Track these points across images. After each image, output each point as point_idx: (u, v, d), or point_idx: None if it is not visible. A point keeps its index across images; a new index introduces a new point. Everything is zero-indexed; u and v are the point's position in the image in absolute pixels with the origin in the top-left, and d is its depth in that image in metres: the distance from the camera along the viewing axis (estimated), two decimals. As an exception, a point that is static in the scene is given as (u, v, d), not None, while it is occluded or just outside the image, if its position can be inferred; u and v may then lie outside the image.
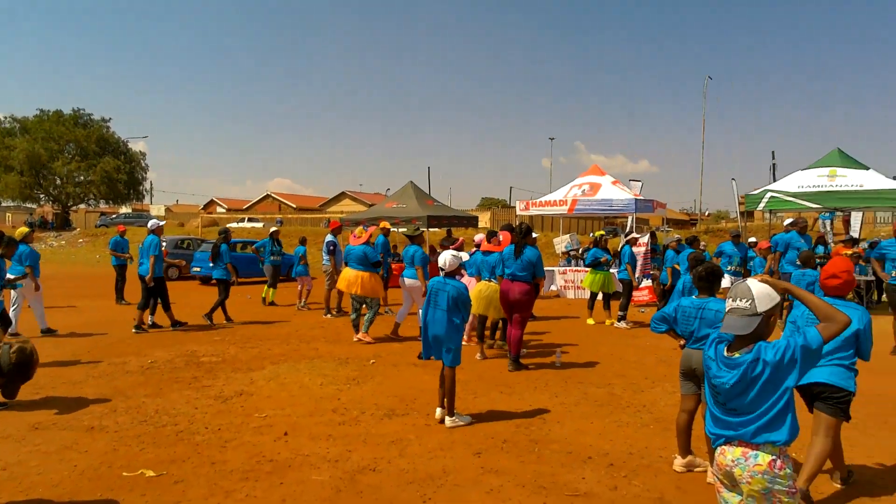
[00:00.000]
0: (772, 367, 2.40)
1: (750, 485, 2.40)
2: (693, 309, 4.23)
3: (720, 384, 2.52)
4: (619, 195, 15.82)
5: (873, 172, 12.17)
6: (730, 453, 2.47)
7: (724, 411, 2.52)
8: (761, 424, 2.41)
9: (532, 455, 4.55)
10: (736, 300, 2.52)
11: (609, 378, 7.02)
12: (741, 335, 2.50)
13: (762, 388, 2.42)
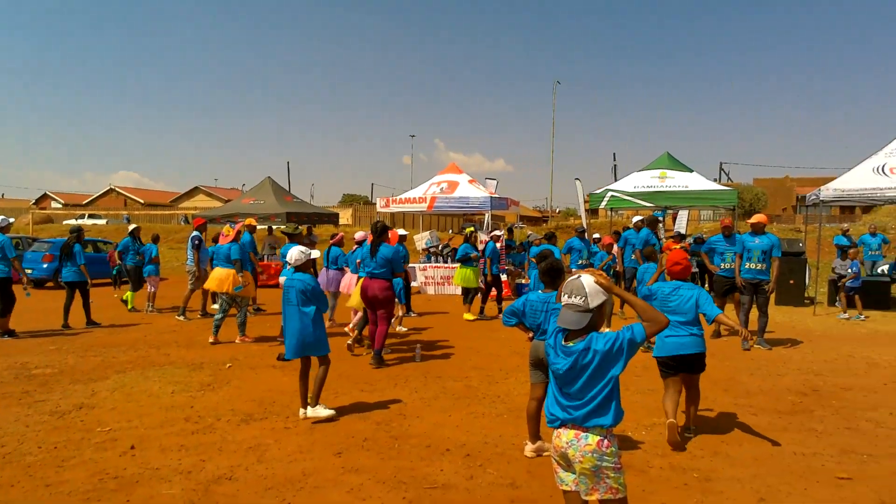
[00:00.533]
0: (601, 356, 2.62)
1: (581, 463, 2.61)
2: (540, 303, 4.51)
3: (556, 370, 2.73)
4: (476, 193, 16.38)
5: (697, 175, 13.59)
6: (564, 436, 2.68)
7: (561, 395, 2.73)
8: (591, 409, 2.63)
9: (392, 451, 4.65)
10: (571, 297, 2.68)
11: (466, 371, 7.29)
12: (572, 329, 2.68)
13: (591, 375, 2.63)
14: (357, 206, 45.80)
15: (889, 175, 11.89)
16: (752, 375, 7.10)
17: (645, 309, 2.76)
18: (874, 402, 5.96)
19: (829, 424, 5.30)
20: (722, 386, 6.63)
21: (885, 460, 4.47)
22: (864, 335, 9.70)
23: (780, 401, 6.06)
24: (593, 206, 14.68)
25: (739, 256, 8.70)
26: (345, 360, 7.72)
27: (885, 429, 5.18)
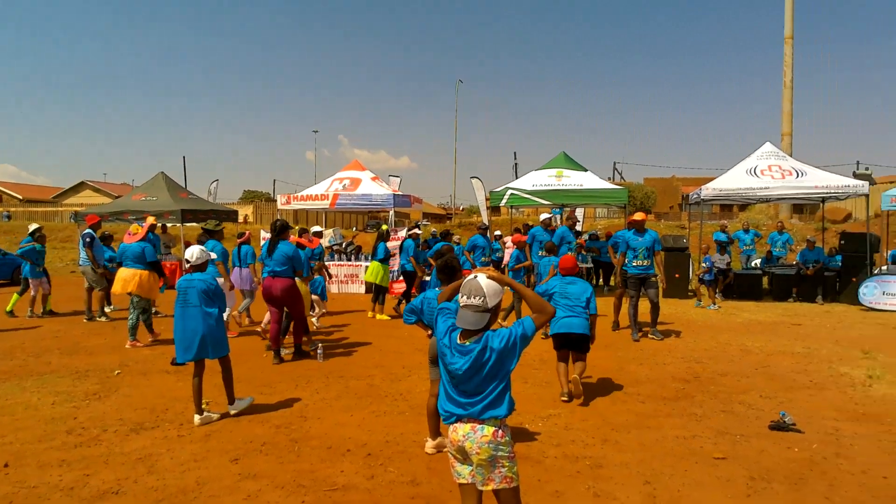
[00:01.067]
0: (498, 354, 2.70)
1: (479, 455, 2.69)
2: (436, 300, 4.59)
3: (454, 370, 2.76)
4: (379, 190, 16.32)
5: (591, 174, 14.21)
6: (461, 430, 2.74)
7: (457, 392, 2.78)
8: (487, 403, 2.72)
9: (292, 454, 4.57)
10: (470, 297, 2.73)
11: (369, 370, 7.27)
12: (473, 329, 2.73)
13: (490, 372, 2.71)
14: (258, 203, 44.45)
15: (760, 176, 12.93)
16: (641, 365, 7.52)
17: (535, 300, 2.86)
18: (746, 386, 6.46)
19: (707, 408, 5.71)
20: (613, 376, 6.98)
21: (755, 440, 4.86)
22: (740, 324, 10.49)
23: (665, 388, 6.45)
24: (494, 204, 15.00)
25: (623, 254, 9.21)
26: (242, 363, 7.50)
27: (755, 410, 5.64)
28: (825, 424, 5.22)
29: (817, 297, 13.07)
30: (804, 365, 7.42)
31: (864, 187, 12.37)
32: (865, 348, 8.25)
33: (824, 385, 6.50)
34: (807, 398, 6.04)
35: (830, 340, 8.95)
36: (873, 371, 6.93)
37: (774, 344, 8.70)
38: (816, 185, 12.48)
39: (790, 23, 30.77)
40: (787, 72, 30.91)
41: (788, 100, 30.76)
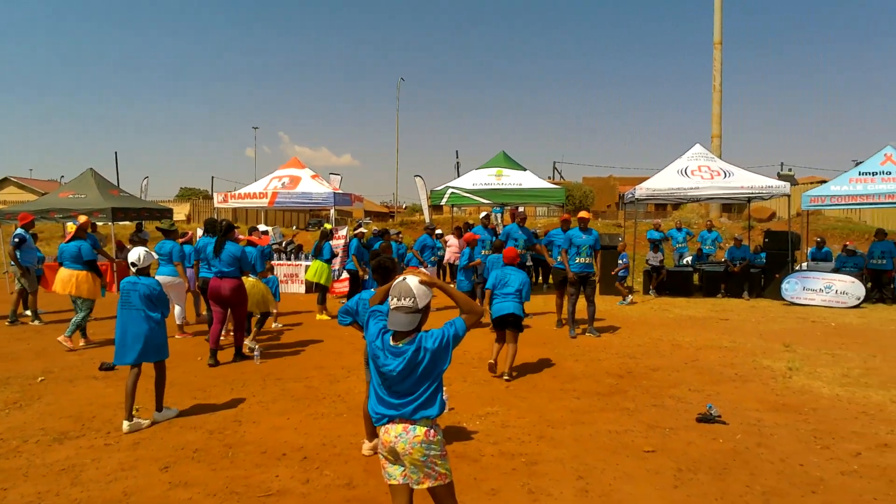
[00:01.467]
0: (431, 354, 2.74)
1: (411, 455, 2.72)
2: None
3: (388, 371, 2.77)
4: (319, 189, 16.11)
5: (530, 174, 14.43)
6: (393, 430, 2.76)
7: (389, 394, 2.80)
8: (420, 403, 2.75)
9: (225, 461, 4.47)
10: (401, 299, 2.75)
11: (308, 371, 7.18)
12: (405, 330, 2.76)
13: (423, 372, 2.75)
14: (195, 201, 43.09)
15: (690, 177, 13.40)
16: (577, 361, 7.68)
17: (463, 301, 2.92)
18: (676, 380, 6.70)
19: (639, 403, 5.89)
20: (550, 373, 7.11)
21: (683, 432, 5.05)
22: (672, 320, 10.85)
23: (600, 383, 6.62)
24: (435, 203, 15.05)
25: (566, 251, 9.34)
26: (176, 367, 7.28)
27: (684, 403, 5.85)
28: (748, 415, 5.46)
29: (744, 293, 13.65)
30: (730, 358, 7.74)
31: (785, 188, 12.99)
32: (786, 342, 8.67)
33: (748, 377, 6.80)
34: (732, 390, 6.31)
35: (755, 334, 9.36)
36: (793, 363, 7.30)
37: (703, 338, 9.04)
38: (742, 186, 13.03)
39: (719, 28, 31.95)
40: (716, 76, 32.08)
41: (718, 103, 31.94)
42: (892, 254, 12.68)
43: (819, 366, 7.25)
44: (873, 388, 6.29)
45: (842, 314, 11.33)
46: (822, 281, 12.43)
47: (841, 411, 5.55)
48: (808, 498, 3.82)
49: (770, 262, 14.00)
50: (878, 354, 7.84)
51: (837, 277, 12.39)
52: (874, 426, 5.11)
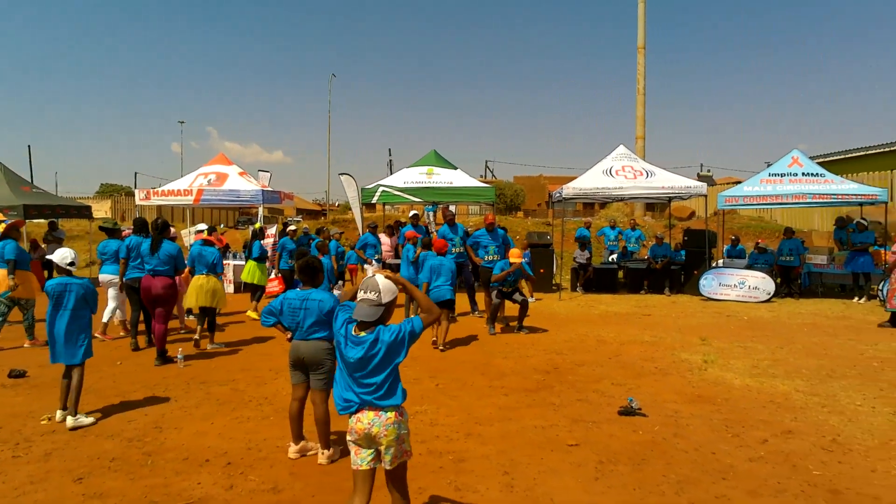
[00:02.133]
0: (387, 347, 2.97)
1: (387, 436, 2.96)
2: (298, 301, 4.48)
3: (349, 358, 3.00)
4: (247, 186, 15.76)
5: (461, 172, 14.56)
6: (365, 418, 2.98)
7: (355, 383, 3.01)
8: (383, 393, 2.99)
9: (144, 469, 4.32)
10: (367, 292, 3.01)
11: (234, 374, 7.02)
12: (368, 321, 3.01)
13: (379, 363, 2.97)
14: (117, 198, 41.14)
15: (614, 176, 13.84)
16: (506, 358, 7.81)
17: (424, 301, 3.21)
18: (600, 375, 6.92)
19: (564, 398, 6.05)
20: (480, 370, 7.20)
21: (605, 425, 5.22)
22: (598, 316, 11.19)
23: (528, 379, 6.76)
24: (366, 201, 14.96)
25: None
26: (93, 372, 6.97)
27: (607, 397, 6.05)
28: (667, 407, 5.70)
29: (665, 289, 14.22)
30: (651, 353, 8.05)
31: (702, 188, 13.60)
32: (703, 335, 9.09)
33: (667, 371, 7.10)
34: (652, 384, 6.57)
35: (674, 329, 9.77)
36: (708, 356, 7.66)
37: (627, 334, 9.37)
38: (663, 186, 13.56)
39: (642, 33, 33.07)
40: (639, 79, 33.20)
41: (641, 105, 33.07)
42: (798, 251, 13.48)
43: (732, 358, 7.64)
44: (780, 377, 6.68)
45: (754, 308, 11.97)
46: (736, 277, 13.09)
47: (751, 401, 5.87)
48: (719, 484, 4.03)
49: (689, 259, 14.63)
50: (784, 346, 8.32)
51: (750, 273, 13.08)
52: (780, 414, 5.44)
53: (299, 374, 4.60)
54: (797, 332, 9.40)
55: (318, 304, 4.42)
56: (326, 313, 4.40)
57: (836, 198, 12.63)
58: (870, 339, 8.86)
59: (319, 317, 4.41)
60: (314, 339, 4.44)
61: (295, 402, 4.60)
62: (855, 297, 12.81)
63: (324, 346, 4.45)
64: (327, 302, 4.45)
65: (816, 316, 11.04)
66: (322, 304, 4.43)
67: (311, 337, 4.45)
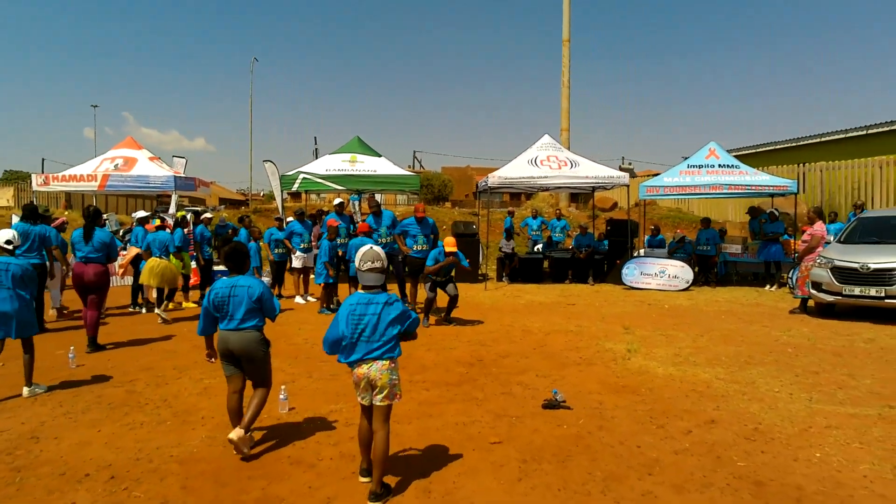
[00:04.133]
0: (395, 310, 3.71)
1: (381, 379, 3.67)
2: (226, 289, 4.24)
3: (367, 319, 3.66)
4: (158, 171, 14.79)
5: (385, 160, 14.14)
6: (366, 366, 3.67)
7: (363, 344, 3.66)
8: (387, 348, 3.70)
9: (11, 488, 3.76)
10: (373, 262, 3.73)
11: (133, 373, 6.42)
12: (376, 285, 3.75)
13: (390, 323, 3.69)
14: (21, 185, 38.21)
15: (539, 166, 13.79)
16: (429, 350, 7.53)
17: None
18: (525, 367, 6.73)
19: (488, 392, 5.81)
20: (401, 363, 6.86)
21: (529, 420, 5.01)
22: (523, 306, 11.08)
23: (450, 372, 6.49)
24: (286, 189, 14.31)
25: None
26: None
27: (531, 390, 5.85)
28: (591, 399, 5.56)
29: (588, 279, 14.32)
30: (576, 342, 7.96)
31: (625, 178, 13.74)
32: (626, 324, 9.10)
33: (592, 361, 6.99)
34: (577, 374, 6.43)
35: (598, 318, 9.76)
36: (631, 345, 7.62)
37: (551, 323, 9.27)
38: (587, 175, 13.61)
39: (567, 26, 33.42)
40: (564, 72, 33.55)
41: (566, 98, 33.43)
42: (715, 241, 13.85)
43: (655, 347, 7.63)
44: (701, 366, 6.69)
45: (674, 297, 12.18)
46: (657, 266, 13.30)
47: (674, 390, 5.81)
48: (645, 480, 3.86)
49: (612, 249, 14.80)
50: (704, 334, 8.41)
51: (670, 262, 13.32)
52: (702, 403, 5.38)
53: (232, 367, 4.34)
54: (715, 320, 9.56)
55: (248, 291, 4.24)
56: (256, 300, 4.26)
57: (749, 189, 13.01)
58: (783, 325, 9.10)
59: (250, 304, 4.24)
60: (245, 329, 4.25)
61: (233, 395, 4.35)
62: (767, 284, 13.26)
63: (255, 337, 4.29)
64: (256, 287, 4.29)
65: (732, 303, 11.32)
66: (251, 290, 4.25)
67: (243, 326, 4.24)
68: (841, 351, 7.38)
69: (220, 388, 5.80)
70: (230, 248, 4.36)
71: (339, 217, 11.93)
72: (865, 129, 21.03)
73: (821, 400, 5.43)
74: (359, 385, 3.71)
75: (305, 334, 8.57)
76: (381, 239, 10.42)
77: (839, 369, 6.51)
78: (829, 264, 9.68)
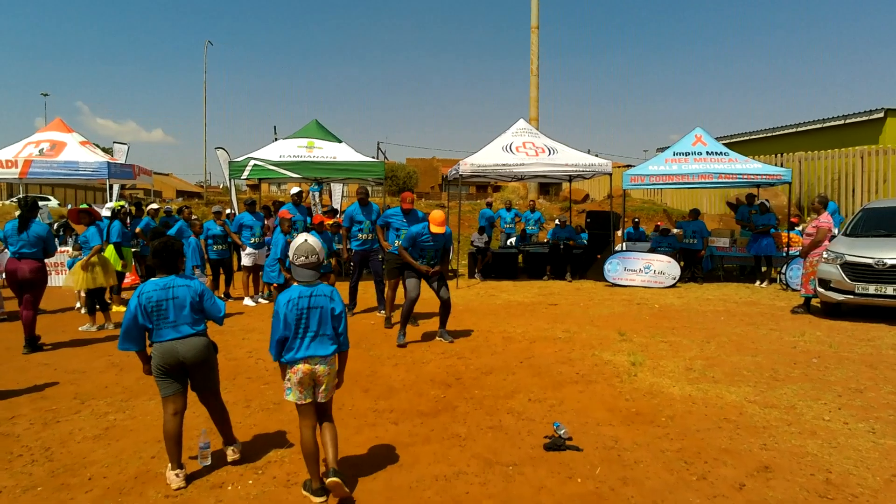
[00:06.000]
0: (332, 303, 3.50)
1: (328, 376, 3.48)
2: (160, 291, 3.61)
3: (310, 315, 3.40)
4: (89, 157, 13.21)
5: (346, 146, 12.78)
6: (311, 362, 3.41)
7: (309, 339, 3.41)
8: (335, 344, 3.50)
9: None
10: (307, 256, 3.42)
11: (19, 404, 5.06)
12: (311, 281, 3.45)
13: (335, 318, 3.50)
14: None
15: (515, 153, 12.63)
16: (398, 366, 6.32)
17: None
18: (513, 387, 5.57)
19: (472, 425, 4.62)
20: (362, 383, 5.65)
21: (530, 469, 3.83)
22: (500, 307, 9.93)
23: (424, 397, 5.29)
24: (234, 177, 12.79)
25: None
26: None
27: (525, 421, 4.69)
28: (601, 433, 4.42)
29: (566, 275, 13.25)
30: (567, 352, 6.83)
31: (607, 166, 12.68)
32: (620, 329, 8.01)
33: (591, 377, 5.86)
34: (576, 396, 5.29)
35: (587, 321, 8.66)
36: (634, 356, 6.52)
37: (535, 328, 8.14)
38: (567, 163, 12.50)
39: (536, 12, 32.38)
40: (533, 60, 32.51)
41: (535, 87, 32.41)
42: (702, 234, 12.90)
43: (660, 358, 6.54)
44: (722, 383, 5.61)
45: (662, 295, 11.17)
46: (641, 261, 12.29)
47: (700, 418, 4.71)
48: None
49: (591, 242, 13.76)
50: (710, 340, 7.38)
51: (655, 258, 12.32)
52: (743, 439, 4.29)
53: (173, 384, 3.65)
54: (715, 322, 8.55)
55: (189, 290, 3.67)
56: (198, 301, 3.70)
57: (741, 177, 12.06)
58: (792, 328, 8.13)
59: (194, 305, 3.68)
60: (194, 335, 3.67)
61: (173, 418, 3.62)
62: (757, 281, 12.38)
63: (206, 342, 3.74)
64: (197, 286, 3.74)
65: (726, 302, 10.36)
66: (193, 290, 3.69)
67: (192, 331, 3.66)
68: (871, 360, 6.40)
69: (127, 427, 4.50)
70: (161, 243, 3.65)
71: (295, 209, 10.60)
72: (844, 119, 20.47)
73: (886, 433, 4.37)
74: (302, 383, 3.42)
75: (250, 345, 7.26)
76: (362, 234, 9.08)
77: (883, 386, 5.51)
78: (838, 260, 8.75)
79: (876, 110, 19.34)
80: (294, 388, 3.41)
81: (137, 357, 3.75)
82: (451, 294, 7.48)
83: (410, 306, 7.29)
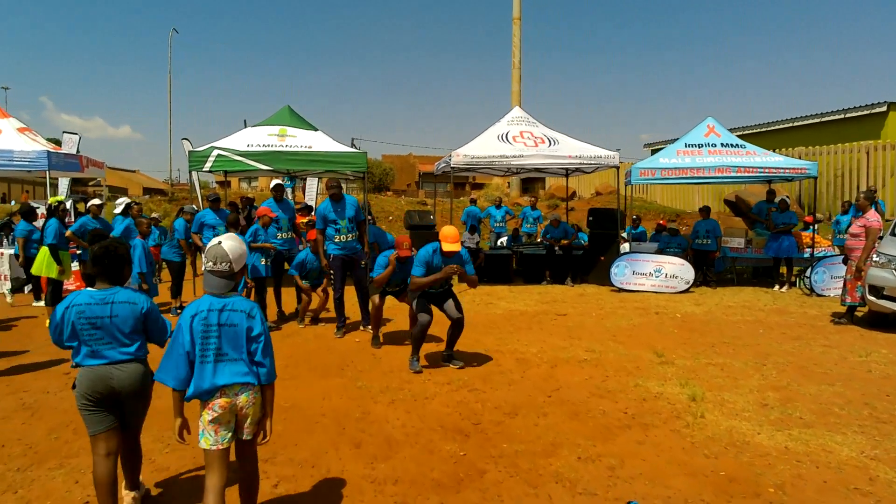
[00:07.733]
0: (258, 322, 2.82)
1: (254, 405, 2.80)
2: (98, 306, 3.00)
3: (219, 333, 2.75)
4: (26, 146, 11.57)
5: (321, 134, 11.31)
6: (230, 391, 2.75)
7: (223, 364, 2.75)
8: (243, 372, 2.77)
9: None
10: (217, 263, 2.78)
11: None
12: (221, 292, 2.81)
13: (254, 339, 2.81)
14: None
15: (513, 143, 11.36)
16: (393, 403, 4.98)
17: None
18: (550, 436, 4.26)
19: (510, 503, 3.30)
20: (349, 433, 4.29)
21: None
22: (501, 318, 8.64)
23: (436, 455, 3.96)
24: (196, 168, 11.13)
25: None
26: None
27: (584, 497, 3.38)
28: (695, 516, 3.13)
29: (567, 279, 12.01)
30: (601, 380, 5.55)
31: (614, 158, 11.45)
32: (654, 347, 6.75)
33: (645, 419, 4.58)
34: (636, 450, 4.01)
35: (607, 336, 7.40)
36: (689, 388, 5.25)
37: (550, 346, 6.86)
38: (570, 155, 11.24)
39: (518, 2, 31.23)
40: (515, 52, 31.36)
41: (517, 80, 31.26)
42: (716, 233, 11.75)
43: (720, 389, 5.29)
44: (817, 427, 4.38)
45: (677, 301, 9.99)
46: (652, 264, 11.10)
47: (818, 487, 3.46)
48: None
49: (593, 243, 12.53)
50: (765, 362, 6.17)
51: (667, 260, 11.14)
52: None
53: (106, 417, 3.04)
54: (755, 337, 7.36)
55: (131, 308, 3.07)
56: (142, 321, 3.10)
57: (762, 171, 10.93)
58: (846, 343, 6.99)
59: (136, 325, 3.09)
60: (133, 360, 3.07)
61: (106, 460, 3.00)
62: (775, 284, 11.27)
63: (144, 370, 3.13)
64: (141, 302, 3.13)
65: (751, 310, 9.20)
66: (136, 307, 3.08)
67: (131, 356, 3.06)
68: (974, 389, 5.24)
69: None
70: (102, 247, 3.08)
71: (277, 206, 9.17)
72: (844, 113, 19.61)
73: None
74: (220, 421, 2.75)
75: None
76: (340, 236, 7.60)
77: None
78: (892, 264, 7.63)
79: (878, 104, 18.50)
80: (207, 429, 2.76)
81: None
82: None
83: (423, 331, 5.95)
